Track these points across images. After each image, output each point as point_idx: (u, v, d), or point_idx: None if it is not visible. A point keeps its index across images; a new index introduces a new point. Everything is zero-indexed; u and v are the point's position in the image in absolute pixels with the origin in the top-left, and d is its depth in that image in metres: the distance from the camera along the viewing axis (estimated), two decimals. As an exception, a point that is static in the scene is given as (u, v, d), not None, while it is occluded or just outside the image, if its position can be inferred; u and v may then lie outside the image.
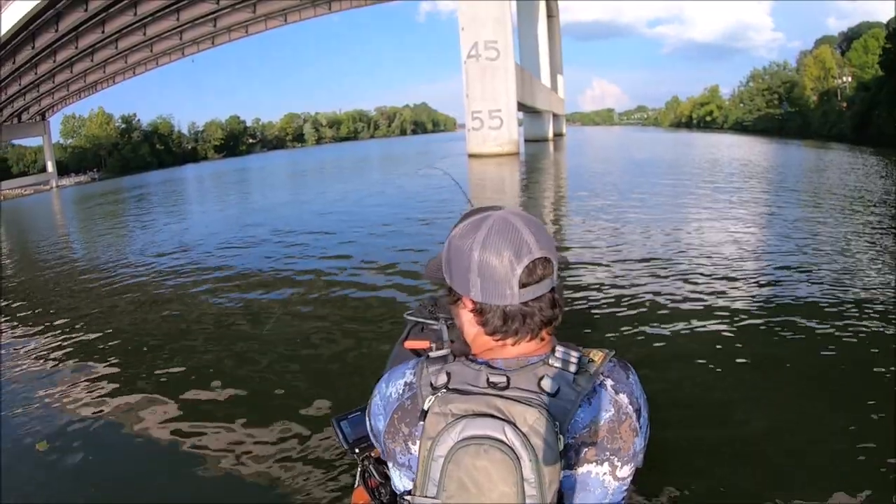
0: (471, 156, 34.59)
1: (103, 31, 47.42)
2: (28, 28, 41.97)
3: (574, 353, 1.00)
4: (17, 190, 61.02)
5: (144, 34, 50.81)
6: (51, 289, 10.09)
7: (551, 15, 63.99)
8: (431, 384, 0.99)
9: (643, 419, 1.05)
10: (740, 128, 69.60)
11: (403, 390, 1.04)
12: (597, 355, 1.02)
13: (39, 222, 28.03)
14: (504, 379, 0.96)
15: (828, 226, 9.82)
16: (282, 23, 54.83)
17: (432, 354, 1.03)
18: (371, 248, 10.01)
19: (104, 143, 78.18)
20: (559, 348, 1.00)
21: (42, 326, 7.40)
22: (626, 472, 1.01)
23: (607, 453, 0.99)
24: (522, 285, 0.98)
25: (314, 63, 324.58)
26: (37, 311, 8.41)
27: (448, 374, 0.99)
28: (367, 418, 1.14)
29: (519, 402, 0.93)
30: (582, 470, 0.98)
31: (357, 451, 1.50)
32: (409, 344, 1.90)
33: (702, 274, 7.01)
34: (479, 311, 1.02)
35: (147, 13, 46.89)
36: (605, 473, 0.99)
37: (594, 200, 14.36)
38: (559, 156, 38.07)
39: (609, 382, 1.02)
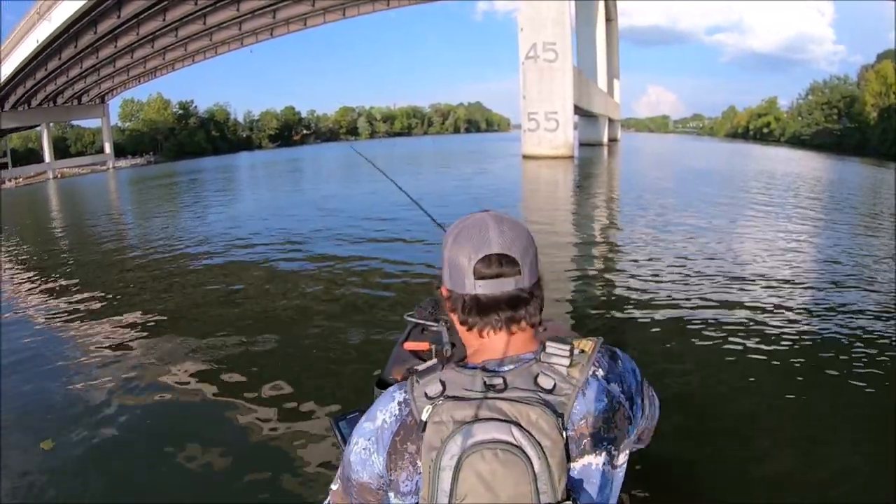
0: (525, 157, 34.81)
1: (164, 20, 49.19)
2: (90, 14, 43.59)
3: (564, 347, 1.02)
4: (74, 169, 63.96)
5: (204, 23, 52.43)
6: (98, 265, 10.92)
7: (610, 18, 63.42)
8: (426, 394, 0.99)
9: (637, 406, 1.09)
10: (797, 141, 67.57)
11: (400, 409, 1.03)
12: (586, 345, 1.05)
13: (95, 200, 29.75)
14: (501, 381, 0.97)
15: (885, 249, 9.64)
16: (340, 16, 55.92)
17: (420, 367, 1.04)
18: (406, 249, 10.15)
19: (161, 128, 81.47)
20: (550, 343, 1.02)
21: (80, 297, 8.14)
22: (622, 459, 1.06)
23: (604, 443, 1.02)
24: (479, 277, 1.02)
25: (370, 57, 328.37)
26: (81, 286, 9.03)
27: (442, 383, 0.99)
28: (348, 473, 1.09)
29: (520, 402, 0.94)
30: (582, 461, 1.00)
31: None
32: (409, 345, 1.92)
33: (754, 291, 6.99)
34: (449, 298, 1.09)
35: (207, 3, 48.32)
36: (604, 463, 1.02)
37: (647, 209, 14.29)
38: (614, 161, 37.85)
39: (600, 372, 1.05)
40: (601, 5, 56.95)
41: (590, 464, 1.00)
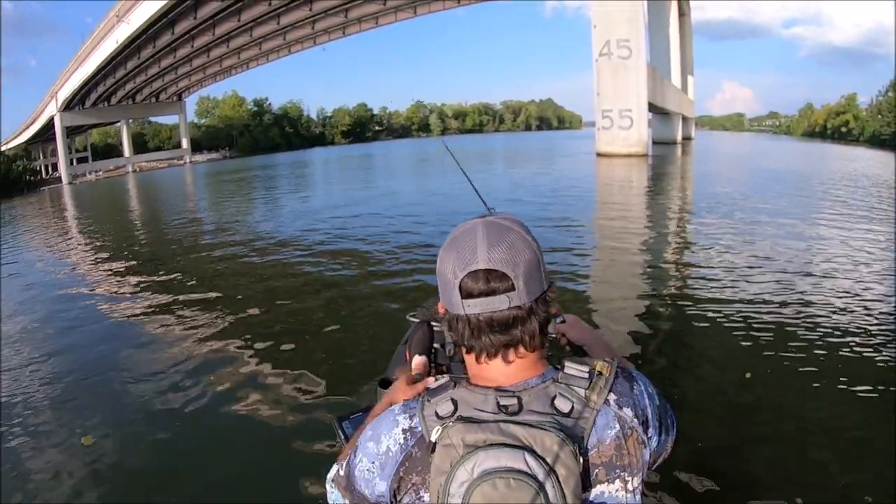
0: (599, 155, 35.30)
1: (239, 20, 51.91)
2: (168, 15, 46.85)
3: (584, 368, 1.00)
4: (152, 163, 68.13)
5: (278, 23, 54.82)
6: (171, 254, 11.89)
7: (683, 13, 62.21)
8: (437, 413, 0.97)
9: (653, 429, 1.05)
10: (876, 141, 64.12)
11: (405, 439, 1.00)
12: (604, 367, 1.02)
13: (173, 192, 32.14)
14: (515, 401, 0.95)
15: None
16: (411, 14, 57.43)
17: (431, 385, 1.02)
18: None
19: (236, 124, 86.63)
20: (569, 364, 1.01)
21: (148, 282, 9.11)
22: (636, 482, 1.01)
23: (617, 470, 0.98)
24: (466, 295, 0.97)
25: (441, 55, 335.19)
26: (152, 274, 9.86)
27: (454, 402, 0.98)
28: (352, 486, 1.06)
29: (535, 426, 0.92)
30: (595, 491, 0.97)
31: None
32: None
33: (827, 305, 6.55)
34: (445, 317, 1.05)
35: (281, 4, 50.76)
36: (617, 490, 0.98)
37: (721, 213, 13.66)
38: (688, 160, 37.19)
39: (612, 397, 1.00)
40: (674, 1, 55.98)
41: (603, 492, 0.97)
